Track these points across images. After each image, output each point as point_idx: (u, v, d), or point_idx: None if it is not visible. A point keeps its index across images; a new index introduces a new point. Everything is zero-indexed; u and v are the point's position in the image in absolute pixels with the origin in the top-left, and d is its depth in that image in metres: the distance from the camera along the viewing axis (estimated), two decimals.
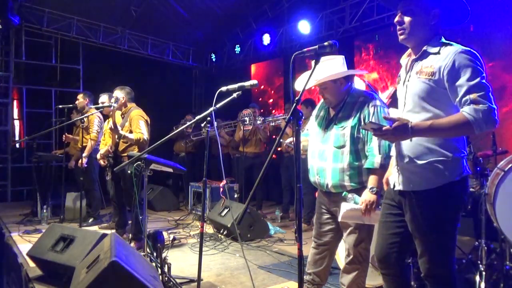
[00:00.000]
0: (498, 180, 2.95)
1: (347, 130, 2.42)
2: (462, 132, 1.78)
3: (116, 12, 7.79)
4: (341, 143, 2.43)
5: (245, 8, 8.11)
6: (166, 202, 6.80)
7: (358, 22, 6.34)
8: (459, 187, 1.84)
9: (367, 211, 2.30)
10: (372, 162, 2.34)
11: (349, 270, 2.53)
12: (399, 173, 1.96)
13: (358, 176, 2.42)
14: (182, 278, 3.27)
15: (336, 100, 2.53)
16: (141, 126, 4.22)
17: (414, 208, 1.88)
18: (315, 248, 2.71)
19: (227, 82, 2.74)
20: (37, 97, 8.09)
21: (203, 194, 2.77)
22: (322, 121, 2.61)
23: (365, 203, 2.30)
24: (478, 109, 1.67)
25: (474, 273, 3.12)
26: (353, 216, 2.35)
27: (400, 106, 1.99)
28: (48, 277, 3.18)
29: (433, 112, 1.82)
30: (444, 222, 1.84)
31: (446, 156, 1.82)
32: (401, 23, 1.89)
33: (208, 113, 2.52)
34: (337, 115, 2.51)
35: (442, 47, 1.84)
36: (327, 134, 2.51)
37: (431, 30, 1.88)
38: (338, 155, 2.44)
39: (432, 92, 1.81)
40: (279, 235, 4.92)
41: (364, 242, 2.48)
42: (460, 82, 1.72)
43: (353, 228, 2.47)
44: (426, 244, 1.88)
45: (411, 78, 1.91)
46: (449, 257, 1.87)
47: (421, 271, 1.93)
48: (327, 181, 2.48)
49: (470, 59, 1.74)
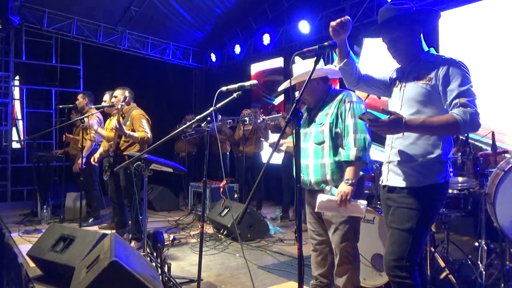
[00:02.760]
0: (498, 180, 2.95)
1: (326, 126, 2.50)
2: (450, 131, 1.92)
3: (116, 12, 7.79)
4: (321, 139, 2.51)
5: (245, 8, 8.11)
6: (166, 202, 6.80)
7: (358, 22, 6.34)
8: (442, 190, 1.99)
9: (342, 202, 2.32)
10: (348, 155, 2.39)
11: (341, 272, 2.54)
12: (389, 171, 2.07)
13: (339, 171, 2.46)
14: (182, 278, 3.27)
15: (314, 99, 2.62)
16: (144, 124, 4.27)
17: (399, 202, 2.00)
18: (314, 250, 2.73)
19: (227, 82, 2.75)
20: (37, 97, 8.09)
21: (203, 194, 2.77)
22: (305, 121, 2.67)
23: (340, 194, 2.33)
24: (467, 112, 1.81)
25: (474, 273, 3.12)
26: (328, 207, 2.38)
27: (396, 109, 2.06)
28: (48, 277, 3.18)
29: (427, 114, 1.95)
30: (424, 218, 1.95)
31: (435, 159, 1.95)
32: (396, 51, 2.06)
33: (208, 113, 2.52)
34: (316, 113, 2.59)
35: (436, 57, 2.01)
36: (308, 133, 2.60)
37: (419, 42, 2.06)
38: (319, 151, 2.51)
39: (428, 96, 1.95)
40: (279, 235, 4.92)
41: (349, 241, 2.49)
42: (452, 87, 1.88)
43: (337, 226, 2.49)
44: (400, 236, 1.95)
45: (407, 83, 2.04)
46: (418, 253, 1.96)
47: (384, 263, 2.00)
48: (310, 178, 2.54)
49: (461, 68, 1.91)
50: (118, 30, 8.28)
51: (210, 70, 9.94)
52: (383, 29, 2.06)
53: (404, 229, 1.94)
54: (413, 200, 1.95)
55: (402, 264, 1.92)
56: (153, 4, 7.52)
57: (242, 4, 7.95)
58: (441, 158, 1.96)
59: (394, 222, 2.00)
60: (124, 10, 7.71)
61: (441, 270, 3.14)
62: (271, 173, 6.52)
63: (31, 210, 5.77)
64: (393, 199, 2.03)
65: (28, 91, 7.93)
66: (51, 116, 7.99)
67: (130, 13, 7.77)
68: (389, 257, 1.97)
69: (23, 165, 7.63)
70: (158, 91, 8.62)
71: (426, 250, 3.08)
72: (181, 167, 3.64)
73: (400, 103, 2.05)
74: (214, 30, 8.87)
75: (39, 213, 5.46)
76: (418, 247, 1.95)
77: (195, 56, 9.83)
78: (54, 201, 6.02)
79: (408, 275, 1.90)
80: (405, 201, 1.97)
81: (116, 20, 8.05)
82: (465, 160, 3.36)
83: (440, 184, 1.96)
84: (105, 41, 8.22)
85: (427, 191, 1.94)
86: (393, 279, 1.95)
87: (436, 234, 3.33)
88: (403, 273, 1.91)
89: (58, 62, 7.86)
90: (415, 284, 1.91)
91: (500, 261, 3.00)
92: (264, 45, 7.94)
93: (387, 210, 2.11)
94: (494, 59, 4.77)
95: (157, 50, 9.02)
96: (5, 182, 7.39)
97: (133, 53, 8.67)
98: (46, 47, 7.89)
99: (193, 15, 8.11)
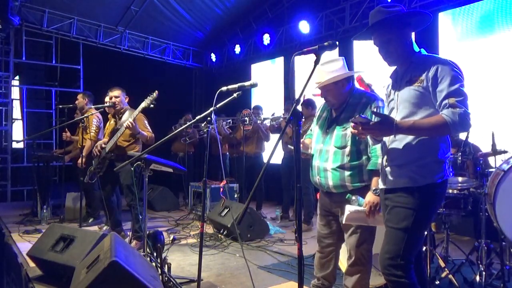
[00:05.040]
0: (498, 180, 2.95)
1: (349, 130, 2.41)
2: (440, 132, 1.91)
3: (116, 12, 7.80)
4: (343, 143, 2.45)
5: (245, 8, 8.12)
6: (166, 202, 6.81)
7: (358, 22, 6.35)
8: (439, 190, 1.99)
9: (371, 212, 2.29)
10: (376, 164, 2.34)
11: (352, 272, 2.52)
12: (387, 174, 2.07)
13: (359, 176, 2.43)
14: (182, 278, 3.27)
15: (338, 101, 2.54)
16: (147, 125, 4.31)
17: (395, 201, 2.01)
18: (320, 251, 2.71)
19: (227, 82, 2.75)
20: (37, 97, 8.09)
21: (203, 194, 2.77)
22: (324, 122, 2.62)
23: (369, 204, 2.30)
24: (456, 112, 1.81)
25: (474, 273, 3.12)
26: (357, 218, 2.34)
27: (392, 113, 2.09)
28: (48, 277, 3.18)
29: (421, 116, 1.95)
30: (420, 217, 1.95)
31: (432, 159, 1.96)
32: (387, 53, 2.06)
33: (209, 113, 2.52)
34: (339, 116, 2.53)
35: (426, 57, 2.02)
36: (329, 135, 2.53)
37: (410, 43, 2.06)
38: (339, 155, 2.45)
39: (421, 98, 1.96)
40: (279, 235, 4.92)
41: (366, 243, 2.48)
42: (441, 87, 1.88)
43: (355, 229, 2.47)
44: (395, 235, 1.96)
45: (401, 87, 2.05)
46: (413, 251, 1.96)
47: (380, 262, 2.00)
48: (328, 181, 2.48)
49: (451, 68, 1.90)
50: (118, 30, 8.28)
51: (210, 70, 9.94)
52: (373, 31, 2.06)
53: (400, 228, 1.94)
54: (409, 199, 1.95)
55: (397, 263, 1.92)
56: (153, 4, 7.52)
57: (242, 4, 7.95)
58: (438, 158, 1.96)
59: (390, 221, 2.01)
60: (124, 10, 7.71)
61: (441, 270, 3.14)
62: (271, 173, 6.52)
63: (31, 210, 5.77)
64: (390, 199, 2.04)
65: (28, 91, 7.94)
66: (51, 116, 8.00)
67: (130, 13, 7.78)
68: (384, 256, 1.97)
69: (23, 165, 7.63)
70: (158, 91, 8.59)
71: (426, 250, 3.08)
72: (181, 167, 3.64)
73: (396, 107, 2.06)
74: (214, 30, 8.87)
75: (39, 213, 5.46)
76: (413, 246, 1.95)
77: (195, 56, 9.83)
78: (54, 201, 6.02)
79: (403, 274, 1.90)
80: (401, 200, 1.97)
81: (116, 20, 8.05)
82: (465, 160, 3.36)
83: (437, 184, 1.95)
84: (105, 41, 8.23)
85: (424, 190, 1.94)
86: (388, 278, 1.95)
87: (436, 234, 3.33)
88: (398, 272, 1.91)
89: (58, 62, 7.86)
90: (410, 283, 1.91)
91: (500, 261, 2.99)
92: (264, 45, 7.95)
93: (385, 210, 2.11)
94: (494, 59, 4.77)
95: (157, 50, 9.02)
96: (5, 182, 7.39)
97: (133, 53, 8.67)
98: (46, 47, 7.90)
99: (193, 15, 8.11)
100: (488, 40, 4.86)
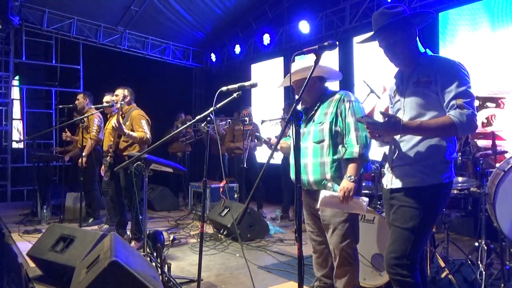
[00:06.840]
0: (498, 180, 2.95)
1: (325, 125, 2.50)
2: (447, 133, 1.92)
3: (116, 12, 7.79)
4: (320, 138, 2.51)
5: (245, 8, 8.11)
6: (166, 202, 6.81)
7: (358, 22, 6.35)
8: (445, 190, 1.99)
9: (345, 198, 2.33)
10: (351, 152, 2.40)
11: (340, 274, 2.52)
12: (393, 174, 2.07)
13: (338, 170, 2.47)
14: (182, 278, 3.27)
15: (312, 99, 2.62)
16: (143, 125, 4.27)
17: (402, 201, 2.00)
18: (314, 252, 2.73)
19: (227, 82, 2.75)
20: (37, 97, 8.09)
21: (203, 194, 2.77)
22: (302, 122, 2.66)
23: (343, 190, 2.34)
24: (463, 113, 1.81)
25: (474, 273, 3.12)
26: (331, 202, 2.38)
27: (399, 114, 2.08)
28: (48, 277, 3.18)
29: (429, 117, 1.95)
30: (427, 217, 1.95)
31: (439, 159, 1.96)
32: (394, 55, 2.06)
33: (208, 113, 2.52)
34: (315, 112, 2.59)
35: (433, 58, 2.02)
36: (306, 132, 2.59)
37: (416, 44, 2.06)
38: (318, 150, 2.50)
39: (429, 99, 1.96)
40: (279, 235, 4.92)
41: (349, 240, 2.47)
42: (449, 88, 1.88)
43: (335, 227, 2.48)
44: (402, 234, 1.95)
45: (408, 88, 2.05)
46: (419, 251, 1.96)
47: (385, 261, 2.00)
48: (309, 177, 2.53)
49: (459, 69, 1.90)
50: (118, 30, 8.28)
51: (210, 70, 9.94)
52: (378, 35, 2.06)
53: (407, 228, 1.94)
54: (416, 199, 1.95)
55: (403, 262, 1.92)
56: (153, 4, 7.52)
57: (242, 4, 7.95)
58: (445, 158, 1.96)
59: (396, 221, 2.00)
60: (124, 10, 7.70)
61: (441, 270, 3.14)
62: (271, 173, 6.51)
63: (31, 210, 5.77)
64: (397, 198, 2.03)
65: (28, 91, 7.93)
66: (51, 116, 8.00)
67: (130, 13, 7.77)
68: (390, 255, 1.97)
69: (23, 165, 7.63)
70: (158, 91, 8.61)
71: (426, 250, 3.08)
72: (181, 167, 3.65)
73: (402, 108, 2.06)
74: (214, 30, 8.87)
75: (39, 213, 5.46)
76: (419, 246, 1.95)
77: (195, 56, 9.83)
78: (54, 201, 6.02)
79: (409, 274, 1.91)
80: (408, 200, 1.97)
81: (116, 20, 8.05)
82: (465, 160, 3.36)
83: (444, 184, 1.95)
84: (105, 41, 8.22)
85: (431, 190, 1.94)
86: (394, 277, 1.95)
87: (436, 234, 3.33)
88: (404, 271, 1.91)
89: (58, 62, 7.86)
90: (415, 283, 1.91)
91: (500, 261, 2.99)
92: (264, 45, 7.94)
93: (389, 209, 2.11)
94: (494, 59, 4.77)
95: (157, 50, 9.02)
96: (5, 182, 7.40)
97: (133, 53, 8.67)
98: (46, 47, 7.90)
99: (193, 15, 8.10)
100: (488, 39, 4.87)
